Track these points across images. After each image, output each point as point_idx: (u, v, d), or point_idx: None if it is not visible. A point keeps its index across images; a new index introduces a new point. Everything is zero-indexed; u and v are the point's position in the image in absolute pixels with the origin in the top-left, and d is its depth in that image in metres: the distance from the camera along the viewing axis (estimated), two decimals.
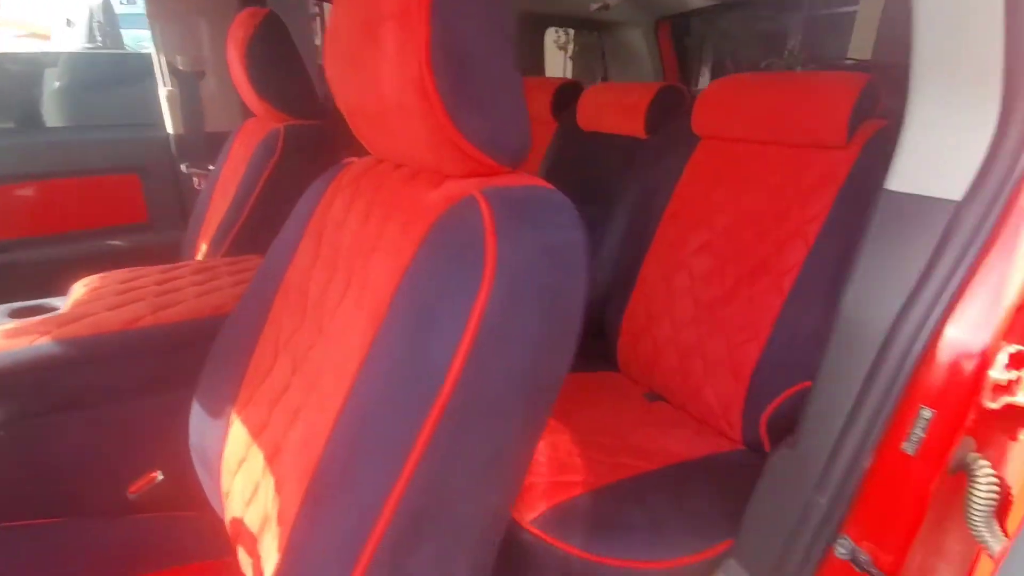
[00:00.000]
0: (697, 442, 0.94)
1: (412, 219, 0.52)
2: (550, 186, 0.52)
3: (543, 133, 1.57)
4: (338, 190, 0.69)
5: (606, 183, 1.33)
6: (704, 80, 2.47)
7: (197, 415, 0.77)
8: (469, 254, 0.43)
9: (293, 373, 0.64)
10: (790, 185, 0.96)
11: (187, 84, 1.45)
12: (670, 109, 1.27)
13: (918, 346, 0.51)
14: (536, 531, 0.70)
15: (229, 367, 0.75)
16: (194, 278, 0.96)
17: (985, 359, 0.50)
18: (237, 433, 0.70)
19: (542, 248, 0.44)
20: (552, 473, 0.79)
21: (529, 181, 0.52)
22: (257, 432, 0.67)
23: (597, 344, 1.25)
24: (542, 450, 0.84)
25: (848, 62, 2.25)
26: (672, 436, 0.95)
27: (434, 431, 0.40)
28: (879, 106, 0.92)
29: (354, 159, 0.74)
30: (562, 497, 0.74)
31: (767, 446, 0.92)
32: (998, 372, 0.50)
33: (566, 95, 1.51)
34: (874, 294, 0.56)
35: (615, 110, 1.31)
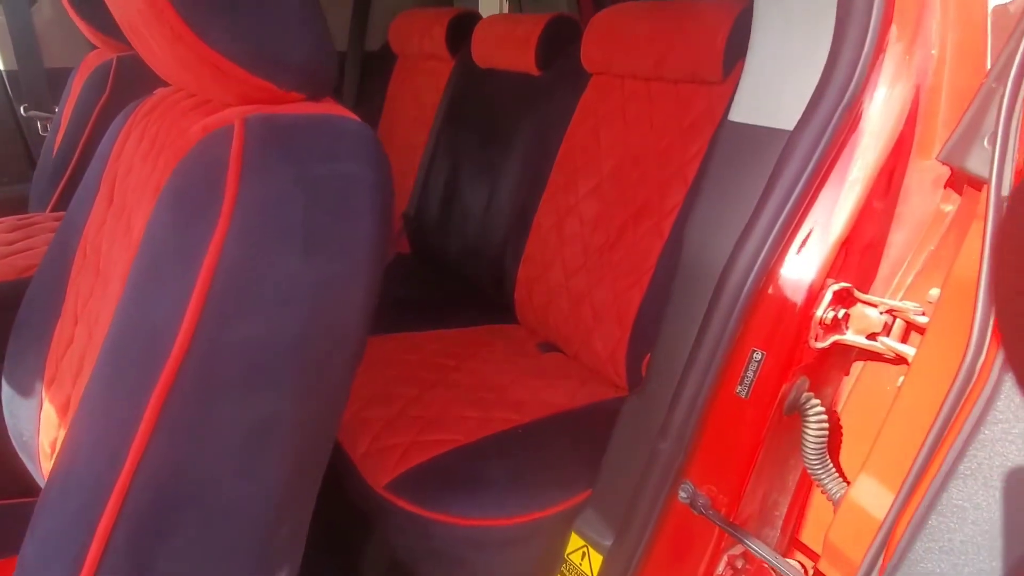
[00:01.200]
0: (580, 392, 0.92)
1: (172, 156, 0.44)
2: (347, 113, 0.45)
3: (441, 71, 1.46)
4: (132, 127, 0.59)
5: (503, 124, 1.25)
6: None
7: (7, 395, 0.68)
8: (204, 194, 0.36)
9: (89, 341, 0.56)
10: (672, 124, 0.92)
11: (16, 11, 1.24)
12: (565, 43, 1.19)
13: (749, 286, 0.49)
14: (388, 495, 0.66)
15: (33, 339, 0.65)
16: (6, 236, 0.83)
17: (811, 298, 0.48)
18: (48, 414, 0.62)
19: (298, 182, 0.37)
20: (416, 433, 0.75)
21: (317, 109, 0.44)
22: (63, 412, 0.59)
23: (499, 294, 1.21)
24: (407, 410, 0.80)
25: None
26: (556, 387, 0.93)
27: (163, 404, 0.34)
28: None
29: (160, 89, 0.64)
30: (422, 458, 0.71)
31: None
32: (823, 310, 0.48)
33: (463, 28, 1.40)
34: (711, 232, 0.53)
35: (507, 44, 1.21)
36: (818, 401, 0.52)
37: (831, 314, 0.49)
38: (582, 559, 0.65)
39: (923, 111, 0.48)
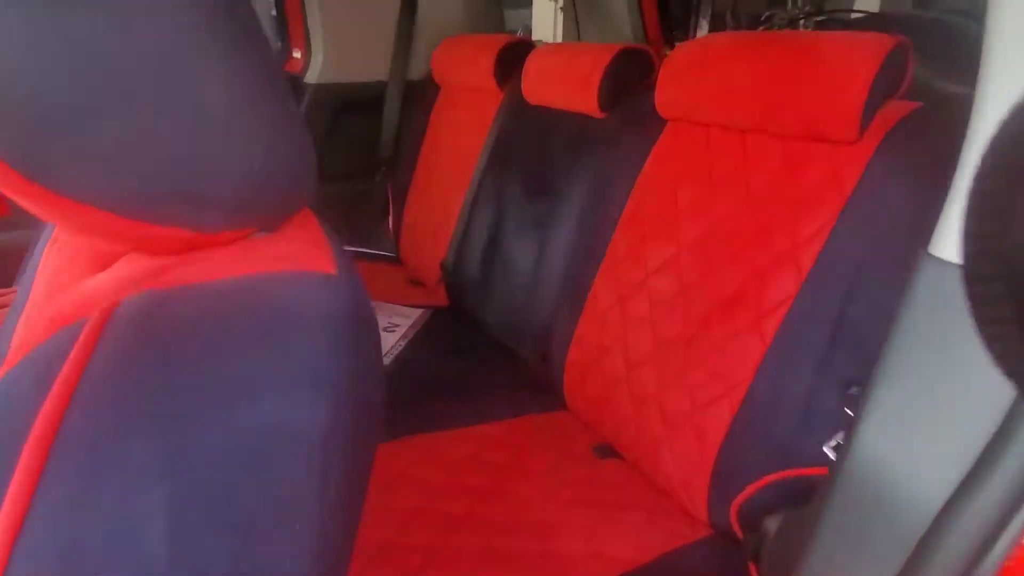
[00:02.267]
0: (649, 536, 0.72)
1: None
2: (318, 249, 0.28)
3: (487, 105, 1.29)
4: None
5: (556, 172, 1.06)
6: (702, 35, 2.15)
7: None
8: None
9: None
10: (779, 191, 0.71)
11: None
12: (634, 80, 1.00)
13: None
14: None
15: None
16: None
17: None
18: None
19: (170, 459, 0.20)
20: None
21: (256, 261, 0.27)
22: None
23: (545, 372, 1.02)
24: (425, 571, 0.62)
25: (854, 15, 1.88)
26: (617, 526, 0.73)
27: None
28: (905, 82, 0.66)
29: None
30: None
31: (740, 534, 0.71)
32: None
33: (514, 57, 1.23)
34: (898, 428, 0.32)
35: (565, 79, 1.03)
36: None
37: None
38: None
39: None
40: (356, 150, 1.67)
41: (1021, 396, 0.23)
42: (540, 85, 1.10)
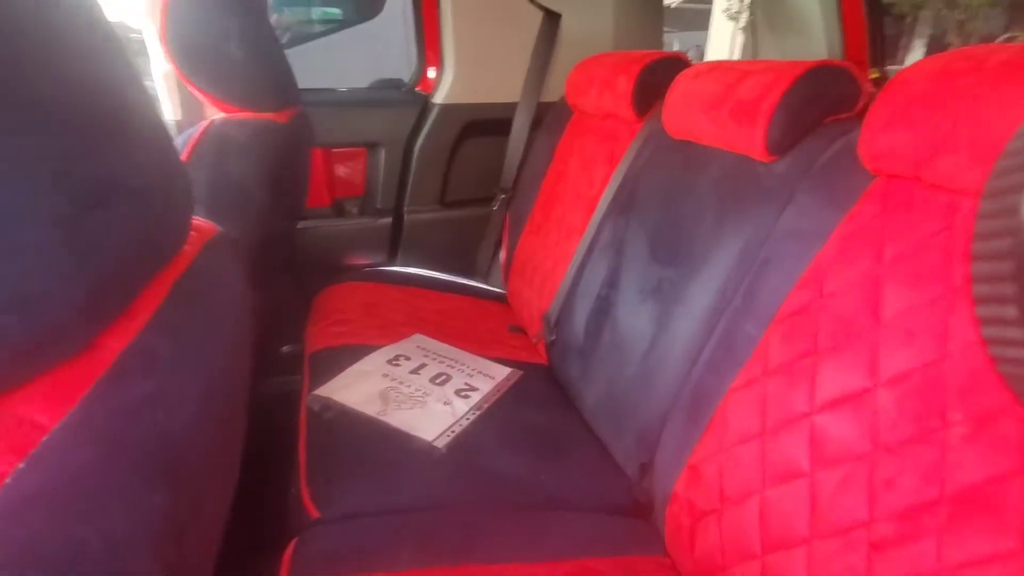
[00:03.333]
0: None
1: None
2: None
3: (621, 136, 1.06)
4: None
5: (695, 230, 0.80)
6: (915, 60, 1.68)
7: None
8: None
9: None
10: None
11: None
12: (823, 113, 0.70)
13: None
14: None
15: None
16: None
17: None
18: None
19: None
20: None
21: None
22: None
23: (644, 489, 0.77)
24: None
25: None
26: None
27: None
28: None
29: None
30: None
31: None
32: None
33: (660, 80, 0.99)
34: None
35: (720, 107, 0.77)
36: None
37: None
38: None
39: None
40: (478, 175, 1.54)
41: (1007, 380, 0.24)
42: (686, 114, 0.85)
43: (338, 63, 3.18)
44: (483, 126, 1.48)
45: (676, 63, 1.02)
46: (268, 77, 0.89)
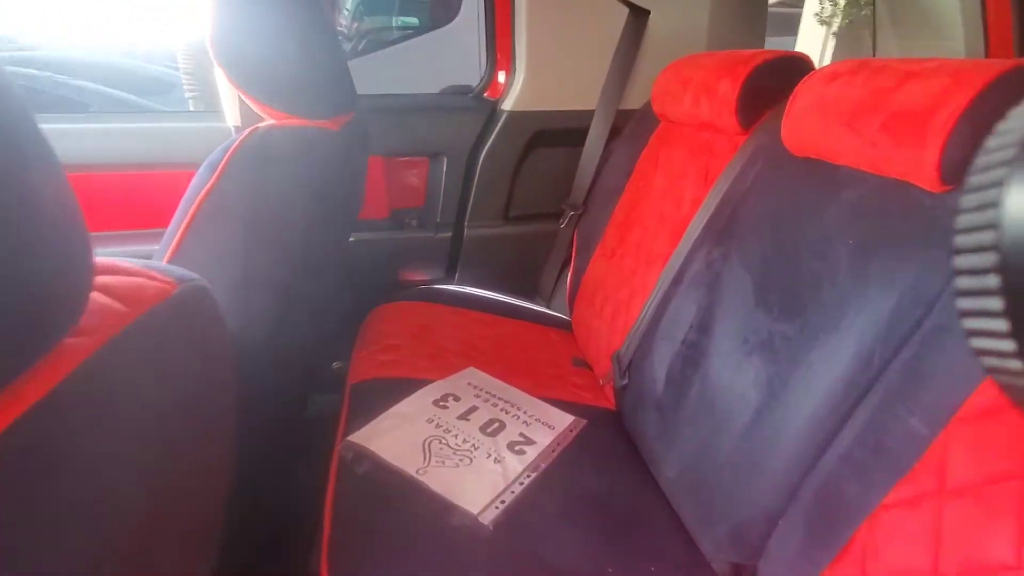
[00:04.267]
0: None
1: None
2: None
3: (719, 150, 0.89)
4: None
5: (824, 274, 0.62)
6: None
7: None
8: None
9: None
10: None
11: None
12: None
13: None
14: None
15: None
16: None
17: None
18: None
19: None
20: None
21: None
22: None
23: None
24: None
25: None
26: None
27: None
28: None
29: None
30: None
31: None
32: None
33: (773, 84, 0.82)
34: None
35: (869, 119, 0.59)
36: None
37: None
38: None
39: None
40: (546, 189, 1.41)
41: (1002, 388, 0.23)
42: (816, 125, 0.67)
43: (411, 69, 3.15)
44: (554, 135, 1.34)
45: (795, 64, 0.84)
46: (319, 81, 0.80)
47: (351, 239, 1.32)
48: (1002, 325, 0.21)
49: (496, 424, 0.84)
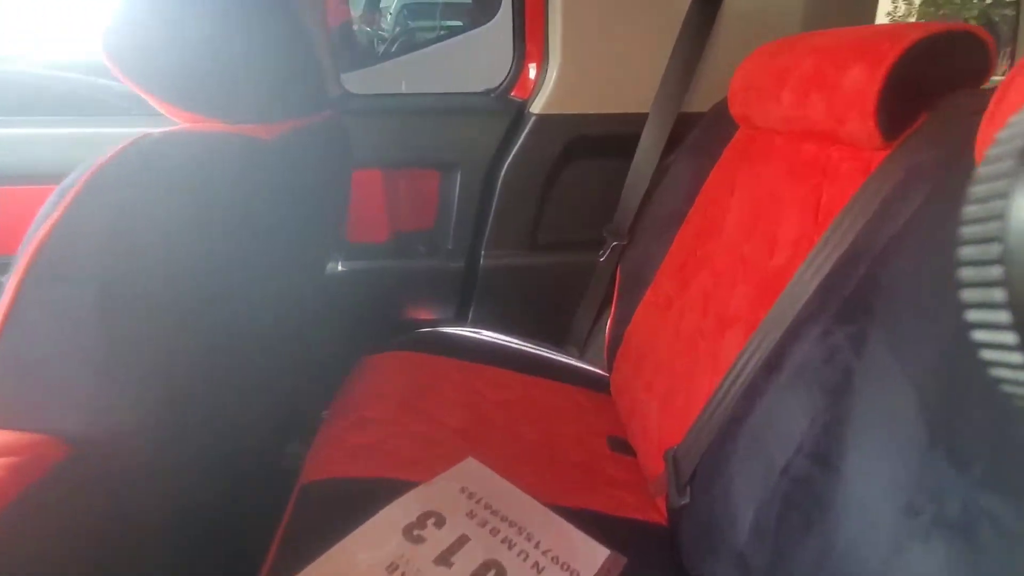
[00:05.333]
0: None
1: None
2: None
3: (847, 172, 0.60)
4: None
5: None
6: None
7: None
8: None
9: None
10: None
11: None
12: None
13: None
14: None
15: None
16: None
17: None
18: None
19: None
20: None
21: None
22: None
23: None
24: None
25: None
26: None
27: None
28: None
29: None
30: None
31: None
32: None
33: (938, 71, 0.52)
34: None
35: None
36: None
37: None
38: None
39: None
40: (583, 211, 1.14)
41: (1003, 382, 0.21)
42: None
43: (443, 71, 2.94)
44: (595, 144, 1.07)
45: (973, 44, 0.54)
46: (254, 76, 0.57)
47: (339, 269, 1.08)
48: (1005, 317, 0.20)
49: (492, 571, 0.57)
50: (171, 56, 0.52)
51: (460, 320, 1.18)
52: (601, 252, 1.08)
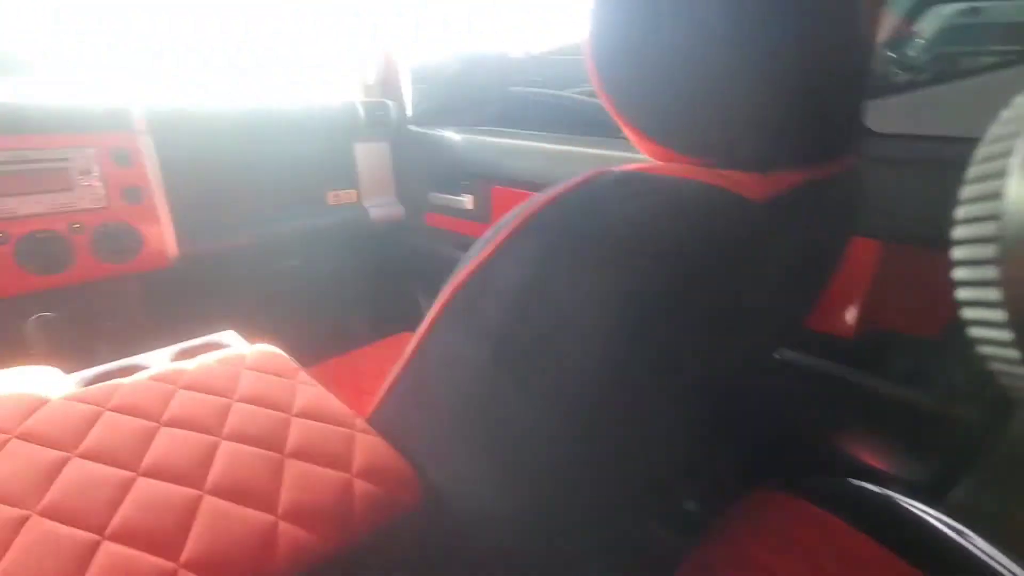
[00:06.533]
0: None
1: None
2: None
3: None
4: None
5: None
6: None
7: None
8: None
9: None
10: None
11: None
12: None
13: None
14: None
15: None
16: None
17: None
18: None
19: None
20: None
21: None
22: None
23: None
24: None
25: None
26: None
27: None
28: None
29: None
30: None
31: None
32: None
33: None
34: None
35: None
36: None
37: None
38: None
39: None
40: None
41: (999, 378, 0.22)
42: None
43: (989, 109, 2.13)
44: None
45: None
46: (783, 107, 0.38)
47: (785, 358, 0.83)
48: (1000, 315, 0.21)
49: None
50: (658, 71, 0.39)
51: (914, 491, 0.74)
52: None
